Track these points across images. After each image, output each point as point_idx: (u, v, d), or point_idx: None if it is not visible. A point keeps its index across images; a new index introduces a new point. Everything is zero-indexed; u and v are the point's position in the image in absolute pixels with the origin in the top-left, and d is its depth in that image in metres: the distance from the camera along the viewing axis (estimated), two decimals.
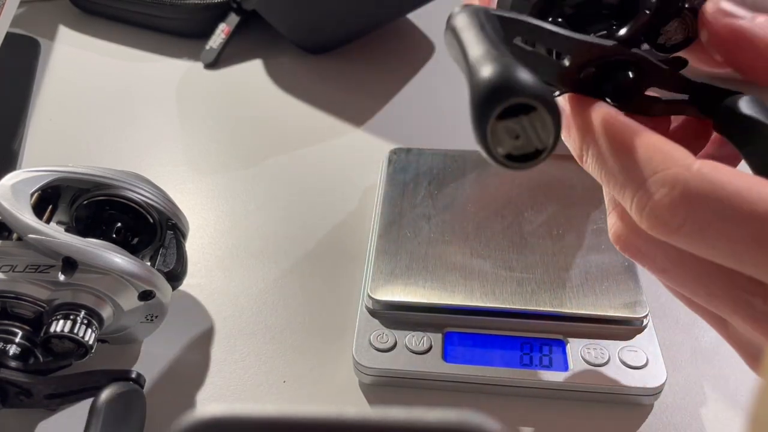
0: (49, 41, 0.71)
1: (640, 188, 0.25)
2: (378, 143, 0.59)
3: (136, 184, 0.42)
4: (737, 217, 0.23)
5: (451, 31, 0.27)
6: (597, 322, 0.41)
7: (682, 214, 0.24)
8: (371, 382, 0.41)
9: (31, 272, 0.38)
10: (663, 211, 0.25)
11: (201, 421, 0.14)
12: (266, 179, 0.56)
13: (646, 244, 0.28)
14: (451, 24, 0.27)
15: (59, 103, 0.64)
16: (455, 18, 0.27)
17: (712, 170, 0.24)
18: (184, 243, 0.44)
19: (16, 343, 0.38)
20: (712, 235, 0.24)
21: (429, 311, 0.42)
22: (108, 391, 0.36)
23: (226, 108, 0.64)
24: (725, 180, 0.24)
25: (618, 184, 0.27)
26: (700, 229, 0.24)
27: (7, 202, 0.39)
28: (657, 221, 0.25)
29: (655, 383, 0.39)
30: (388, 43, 0.70)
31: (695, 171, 0.24)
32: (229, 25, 0.68)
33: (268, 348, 0.44)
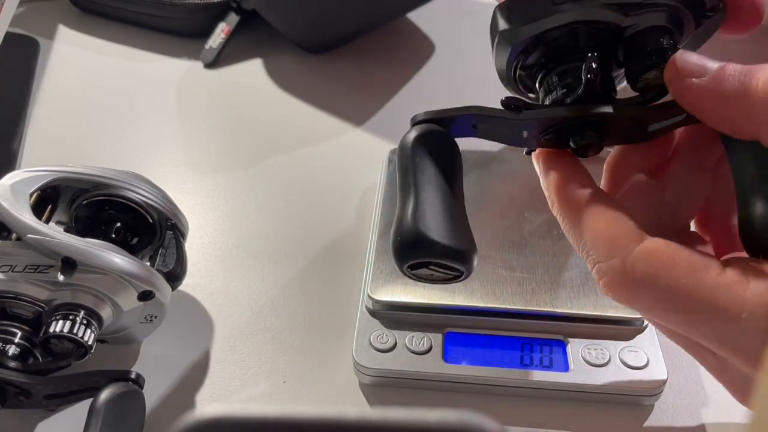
0: (49, 41, 0.71)
1: (592, 268, 0.30)
2: (378, 143, 0.59)
3: (136, 184, 0.42)
4: (671, 307, 0.28)
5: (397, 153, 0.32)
6: (597, 323, 0.41)
7: (624, 299, 0.29)
8: (371, 382, 0.41)
9: (31, 272, 0.38)
10: (609, 293, 0.29)
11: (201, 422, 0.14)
12: (266, 179, 0.56)
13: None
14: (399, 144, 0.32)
15: (59, 102, 0.64)
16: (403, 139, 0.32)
17: (647, 260, 0.28)
18: (184, 243, 0.44)
19: (16, 343, 0.38)
20: (657, 314, 0.29)
21: (429, 311, 0.42)
22: (107, 392, 0.36)
23: (225, 108, 0.63)
24: (658, 272, 0.28)
25: (581, 255, 0.31)
26: (645, 311, 0.29)
27: (6, 202, 0.38)
28: (612, 295, 0.29)
29: (656, 384, 0.39)
30: (388, 42, 0.70)
31: (629, 262, 0.28)
32: (228, 24, 0.68)
33: (268, 348, 0.44)
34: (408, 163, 0.31)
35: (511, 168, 0.50)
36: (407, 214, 0.29)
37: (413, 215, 0.29)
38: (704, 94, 0.28)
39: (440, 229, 0.29)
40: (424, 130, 0.31)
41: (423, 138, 0.31)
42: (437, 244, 0.28)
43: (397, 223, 0.29)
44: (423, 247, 0.28)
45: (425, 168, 0.30)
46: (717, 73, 0.28)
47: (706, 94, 0.28)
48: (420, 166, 0.30)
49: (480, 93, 0.40)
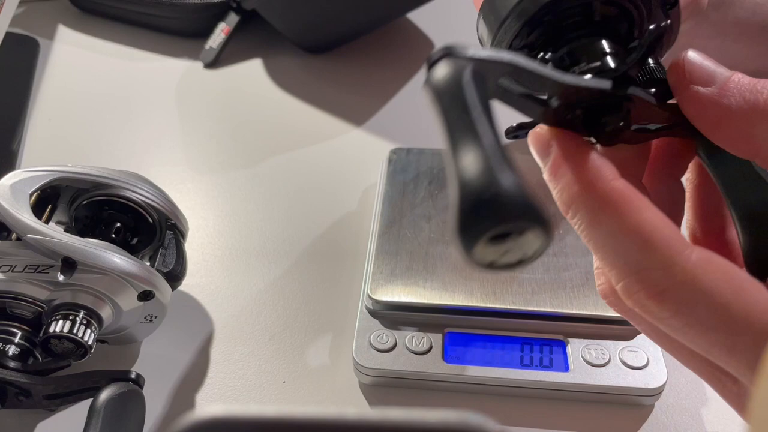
0: (49, 41, 0.71)
1: (631, 276, 0.25)
2: (378, 143, 0.59)
3: (136, 184, 0.42)
4: (719, 328, 0.24)
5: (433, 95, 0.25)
6: (597, 323, 0.41)
7: (670, 312, 0.25)
8: (371, 382, 0.41)
9: (31, 272, 0.38)
10: (651, 305, 0.25)
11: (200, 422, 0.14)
12: (266, 179, 0.56)
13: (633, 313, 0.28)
14: (433, 83, 0.25)
15: (58, 102, 0.64)
16: (435, 76, 0.25)
17: (705, 272, 0.24)
18: (184, 243, 0.44)
19: (16, 343, 0.38)
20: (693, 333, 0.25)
21: (429, 311, 0.42)
22: (107, 392, 0.36)
23: (225, 108, 0.63)
24: (715, 288, 0.24)
25: (607, 262, 0.26)
26: (683, 326, 0.25)
27: (6, 202, 0.38)
28: (643, 309, 0.25)
29: (656, 384, 0.39)
30: (388, 42, 0.70)
31: (689, 272, 0.24)
32: (228, 24, 0.68)
33: (268, 348, 0.44)
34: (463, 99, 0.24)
35: None
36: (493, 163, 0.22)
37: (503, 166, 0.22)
38: (708, 105, 0.27)
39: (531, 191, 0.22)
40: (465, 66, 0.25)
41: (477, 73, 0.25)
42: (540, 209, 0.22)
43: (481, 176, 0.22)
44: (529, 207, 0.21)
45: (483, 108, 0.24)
46: (724, 85, 0.27)
47: (709, 106, 0.27)
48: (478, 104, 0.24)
49: None
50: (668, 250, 0.25)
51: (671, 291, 0.25)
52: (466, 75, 0.24)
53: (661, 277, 0.25)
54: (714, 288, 0.24)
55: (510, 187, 0.21)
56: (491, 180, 0.22)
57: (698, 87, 0.27)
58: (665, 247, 0.25)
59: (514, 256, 0.23)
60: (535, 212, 0.22)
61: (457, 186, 0.22)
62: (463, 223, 0.21)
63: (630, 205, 0.25)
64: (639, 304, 0.25)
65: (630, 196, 0.26)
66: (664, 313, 0.25)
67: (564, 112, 0.28)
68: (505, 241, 0.22)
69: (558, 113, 0.28)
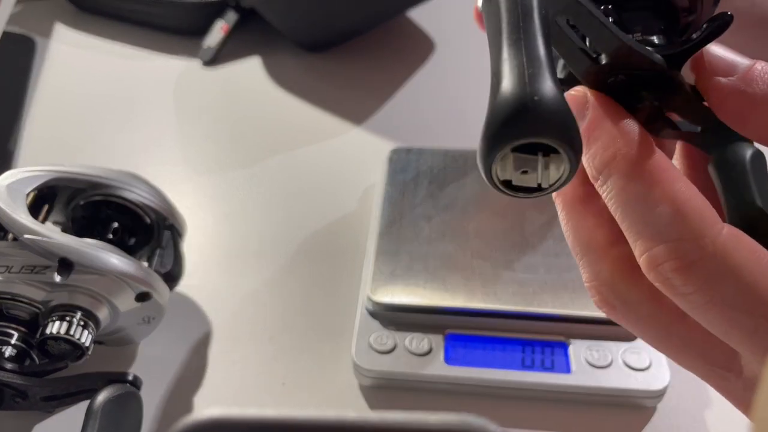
0: (45, 39, 0.71)
1: (659, 245, 0.25)
2: (378, 143, 0.58)
3: (133, 184, 0.42)
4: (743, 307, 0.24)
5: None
6: (599, 324, 0.40)
7: (695, 286, 0.24)
8: (371, 384, 0.41)
9: (27, 273, 0.37)
10: (676, 278, 0.24)
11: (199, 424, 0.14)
12: (265, 179, 0.56)
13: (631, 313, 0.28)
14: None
15: (55, 101, 0.64)
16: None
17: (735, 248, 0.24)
18: (182, 243, 0.44)
19: (12, 344, 0.37)
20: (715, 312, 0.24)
21: (429, 313, 0.41)
22: (104, 394, 0.36)
23: (224, 106, 0.63)
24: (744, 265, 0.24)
25: (633, 230, 0.25)
26: (705, 302, 0.24)
27: (2, 202, 0.38)
28: (666, 283, 0.25)
29: (659, 385, 0.39)
30: (387, 41, 0.70)
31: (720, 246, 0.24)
32: (227, 22, 0.68)
33: (267, 350, 0.43)
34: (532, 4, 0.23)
35: None
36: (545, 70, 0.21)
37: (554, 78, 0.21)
38: (730, 94, 0.26)
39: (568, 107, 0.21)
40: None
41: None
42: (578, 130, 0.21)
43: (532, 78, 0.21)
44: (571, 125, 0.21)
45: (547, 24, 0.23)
46: (746, 74, 0.26)
47: (731, 95, 0.26)
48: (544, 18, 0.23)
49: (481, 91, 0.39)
50: (700, 222, 0.24)
51: (700, 264, 0.24)
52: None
53: (691, 248, 0.24)
54: (743, 265, 0.24)
55: (555, 99, 0.20)
56: (536, 87, 0.20)
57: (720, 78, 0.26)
58: (698, 218, 0.24)
59: (531, 180, 0.22)
60: (573, 133, 0.21)
61: (497, 87, 0.21)
62: (494, 125, 0.21)
63: (665, 174, 0.25)
64: (662, 277, 0.25)
65: (666, 165, 0.25)
66: (689, 287, 0.24)
67: (608, 73, 0.26)
68: (528, 160, 0.21)
69: (601, 72, 0.26)
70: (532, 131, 0.20)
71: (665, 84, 0.26)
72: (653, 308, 0.27)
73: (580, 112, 0.27)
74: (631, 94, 0.27)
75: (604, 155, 0.26)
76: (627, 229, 0.26)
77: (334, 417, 0.14)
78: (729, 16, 0.26)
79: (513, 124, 0.20)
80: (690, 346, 0.27)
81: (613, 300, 0.28)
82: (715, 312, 0.24)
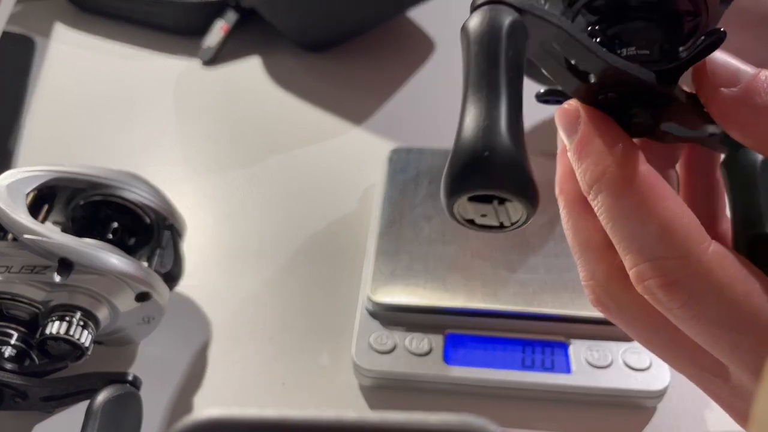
0: (45, 39, 0.71)
1: (645, 262, 0.25)
2: (378, 143, 0.58)
3: (133, 184, 0.42)
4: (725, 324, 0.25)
5: (464, 41, 0.24)
6: (600, 324, 0.40)
7: (679, 302, 0.25)
8: (371, 384, 0.41)
9: (27, 273, 0.37)
10: (661, 294, 0.25)
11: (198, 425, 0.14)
12: (265, 179, 0.56)
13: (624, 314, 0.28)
14: (467, 28, 0.24)
15: (55, 101, 0.64)
16: (472, 21, 0.24)
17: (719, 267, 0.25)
18: (181, 243, 0.44)
19: (12, 344, 0.37)
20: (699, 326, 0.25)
21: (429, 313, 0.41)
22: (104, 394, 0.36)
23: (224, 106, 0.63)
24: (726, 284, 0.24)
25: (623, 245, 0.26)
26: (690, 317, 0.25)
27: (2, 202, 0.38)
28: (652, 297, 0.26)
29: (659, 386, 0.39)
30: (387, 41, 0.70)
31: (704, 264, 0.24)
32: (227, 22, 0.68)
33: (267, 350, 0.43)
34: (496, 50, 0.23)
35: None
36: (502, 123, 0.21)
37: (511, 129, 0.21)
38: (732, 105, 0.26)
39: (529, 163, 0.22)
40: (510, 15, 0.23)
41: (514, 25, 0.23)
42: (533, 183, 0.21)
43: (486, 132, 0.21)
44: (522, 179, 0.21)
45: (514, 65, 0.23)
46: (749, 84, 0.26)
47: (734, 106, 0.26)
48: (510, 60, 0.23)
49: None
50: (686, 241, 0.25)
51: (683, 282, 0.25)
52: (505, 27, 0.23)
53: (675, 267, 0.25)
54: (726, 284, 0.24)
55: (504, 153, 0.21)
56: (488, 141, 0.21)
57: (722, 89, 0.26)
58: (683, 237, 0.25)
59: (493, 221, 0.24)
60: (522, 185, 0.21)
61: (457, 137, 0.22)
62: (451, 175, 0.22)
63: (653, 191, 0.25)
64: (649, 292, 0.25)
65: (654, 182, 0.25)
66: (674, 303, 0.25)
67: (598, 92, 0.27)
68: (486, 204, 0.22)
69: (592, 91, 0.27)
70: (482, 185, 0.21)
71: (658, 99, 0.26)
72: (644, 312, 0.27)
73: (572, 126, 0.27)
74: (623, 111, 0.27)
75: (594, 172, 0.26)
76: (617, 244, 0.26)
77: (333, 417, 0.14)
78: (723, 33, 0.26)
79: (464, 178, 0.21)
80: (679, 350, 0.28)
81: (606, 300, 0.28)
82: (699, 327, 0.25)
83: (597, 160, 0.26)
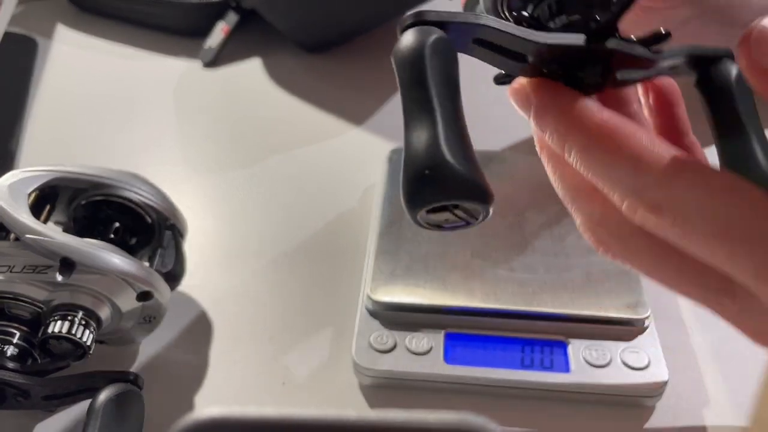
0: (47, 40, 0.71)
1: (631, 196, 0.27)
2: (378, 143, 0.59)
3: (134, 184, 0.42)
4: (716, 234, 0.25)
5: (395, 65, 0.26)
6: (598, 323, 0.40)
7: (668, 222, 0.26)
8: (371, 383, 0.41)
9: (29, 273, 0.38)
10: (651, 218, 0.26)
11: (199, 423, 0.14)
12: (265, 179, 0.56)
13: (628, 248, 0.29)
14: (396, 53, 0.26)
15: (57, 102, 0.64)
16: (400, 46, 0.26)
17: (699, 183, 0.25)
18: (183, 243, 0.44)
19: (14, 344, 0.37)
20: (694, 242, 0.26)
21: (429, 312, 0.41)
22: (106, 393, 0.36)
23: (224, 107, 0.63)
24: (706, 197, 0.25)
25: (607, 189, 0.27)
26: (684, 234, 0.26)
27: (4, 202, 0.38)
28: (647, 223, 0.27)
29: (657, 384, 0.39)
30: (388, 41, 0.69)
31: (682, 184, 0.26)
32: (228, 23, 0.68)
33: (267, 349, 0.43)
34: (421, 72, 0.24)
35: (511, 168, 0.50)
36: (439, 140, 0.23)
37: (448, 143, 0.23)
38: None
39: (474, 164, 0.24)
40: (431, 35, 0.25)
41: (436, 44, 0.25)
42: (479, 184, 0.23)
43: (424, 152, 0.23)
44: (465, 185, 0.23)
45: (442, 82, 0.24)
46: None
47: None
48: (437, 78, 0.24)
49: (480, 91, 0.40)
50: (659, 168, 0.26)
51: (667, 203, 0.26)
52: (429, 46, 0.25)
53: (655, 193, 0.26)
54: (705, 197, 0.25)
55: (442, 168, 0.23)
56: (425, 160, 0.23)
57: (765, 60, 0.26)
58: (656, 165, 0.26)
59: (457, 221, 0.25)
60: (467, 190, 0.23)
61: (404, 157, 0.24)
62: (407, 192, 0.23)
63: (617, 134, 0.27)
64: (643, 220, 0.27)
65: (616, 124, 0.27)
66: (665, 224, 0.26)
67: (541, 67, 0.28)
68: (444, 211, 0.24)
69: (535, 69, 0.28)
70: (431, 200, 0.23)
71: (600, 55, 0.28)
72: (645, 241, 0.28)
73: (525, 103, 0.29)
74: (571, 75, 0.28)
75: (558, 135, 0.28)
76: (602, 188, 0.28)
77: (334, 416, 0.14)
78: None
79: (415, 196, 0.23)
80: (684, 273, 0.28)
81: (608, 239, 0.30)
82: (694, 243, 0.26)
83: (556, 125, 0.28)
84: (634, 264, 0.30)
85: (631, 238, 0.29)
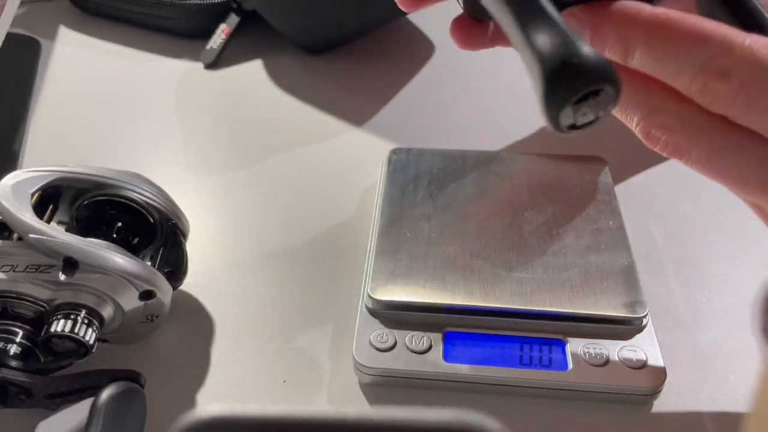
0: (50, 41, 0.71)
1: (699, 72, 0.29)
2: (378, 143, 0.59)
3: (137, 184, 0.42)
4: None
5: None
6: (596, 322, 0.41)
7: (736, 87, 0.28)
8: (371, 381, 0.41)
9: (32, 272, 0.38)
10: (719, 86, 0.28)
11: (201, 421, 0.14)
12: (266, 179, 0.56)
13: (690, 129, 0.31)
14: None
15: (60, 102, 0.64)
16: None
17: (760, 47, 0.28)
18: (185, 243, 0.44)
19: (17, 342, 0.38)
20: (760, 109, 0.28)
21: (429, 311, 0.42)
22: (108, 391, 0.36)
23: (226, 108, 0.64)
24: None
25: (677, 75, 0.29)
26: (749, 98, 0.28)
27: (7, 202, 0.39)
28: (715, 96, 0.29)
29: (655, 383, 0.39)
30: (388, 42, 0.70)
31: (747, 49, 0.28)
32: (229, 25, 0.68)
33: (268, 348, 0.44)
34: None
35: (511, 168, 0.50)
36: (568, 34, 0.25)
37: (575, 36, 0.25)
38: None
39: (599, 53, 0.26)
40: None
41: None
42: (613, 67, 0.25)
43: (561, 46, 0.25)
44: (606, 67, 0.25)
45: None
46: None
47: None
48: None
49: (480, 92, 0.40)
50: (723, 38, 0.28)
51: (735, 68, 0.28)
52: None
53: (722, 61, 0.28)
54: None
55: (589, 53, 0.25)
56: (573, 49, 0.25)
57: None
58: (718, 36, 0.28)
59: (589, 117, 0.27)
60: (612, 72, 0.25)
61: (538, 60, 0.25)
62: (550, 90, 0.25)
63: (674, 21, 0.29)
64: (711, 92, 0.28)
65: (667, 13, 0.29)
66: (733, 90, 0.28)
67: None
68: (583, 104, 0.26)
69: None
70: (584, 85, 0.25)
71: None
72: (709, 122, 0.30)
73: (581, 27, 0.32)
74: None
75: (618, 44, 0.31)
76: (669, 78, 0.30)
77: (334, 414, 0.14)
78: None
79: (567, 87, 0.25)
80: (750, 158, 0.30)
81: (670, 121, 0.31)
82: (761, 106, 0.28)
83: (617, 29, 0.30)
84: (693, 149, 0.31)
85: (692, 118, 0.30)
